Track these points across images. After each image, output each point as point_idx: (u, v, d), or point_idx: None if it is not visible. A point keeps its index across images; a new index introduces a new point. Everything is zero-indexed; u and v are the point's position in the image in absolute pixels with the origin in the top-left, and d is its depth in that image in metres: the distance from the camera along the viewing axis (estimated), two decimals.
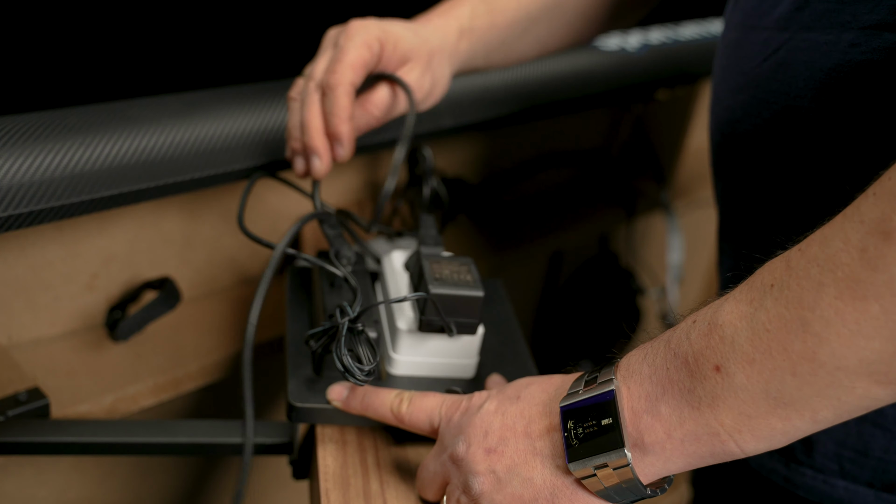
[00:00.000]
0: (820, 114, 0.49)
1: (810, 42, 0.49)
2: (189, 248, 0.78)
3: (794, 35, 0.50)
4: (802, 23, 0.50)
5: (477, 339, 0.60)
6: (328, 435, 0.56)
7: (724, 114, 0.57)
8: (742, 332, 0.39)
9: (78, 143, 0.61)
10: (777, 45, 0.51)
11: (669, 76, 1.08)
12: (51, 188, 0.59)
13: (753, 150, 0.54)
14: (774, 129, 0.52)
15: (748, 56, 0.54)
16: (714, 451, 0.42)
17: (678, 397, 0.42)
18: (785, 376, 0.38)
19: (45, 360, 0.69)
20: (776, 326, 0.38)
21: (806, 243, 0.38)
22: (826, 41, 0.48)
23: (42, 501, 0.74)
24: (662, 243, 1.24)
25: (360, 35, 0.59)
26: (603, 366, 0.47)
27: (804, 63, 0.49)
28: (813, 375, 0.37)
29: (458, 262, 0.60)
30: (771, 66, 0.51)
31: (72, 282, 0.71)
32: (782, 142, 0.52)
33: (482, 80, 0.87)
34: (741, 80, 0.54)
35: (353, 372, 0.51)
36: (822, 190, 0.50)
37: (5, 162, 0.58)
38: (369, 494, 0.52)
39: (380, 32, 0.60)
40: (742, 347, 0.39)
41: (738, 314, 0.40)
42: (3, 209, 0.57)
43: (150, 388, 0.69)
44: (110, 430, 0.60)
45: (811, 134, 0.50)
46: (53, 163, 0.59)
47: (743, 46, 0.55)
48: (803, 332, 0.37)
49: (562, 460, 0.45)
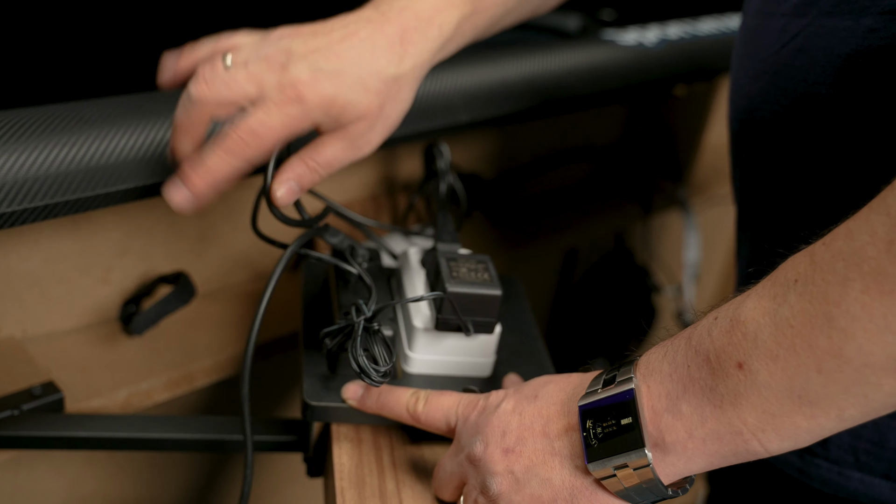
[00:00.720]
0: (839, 100, 0.48)
1: (828, 28, 0.48)
2: (203, 243, 0.77)
3: (812, 21, 0.49)
4: (821, 8, 0.49)
5: (494, 337, 0.59)
6: (343, 433, 0.56)
7: (742, 101, 0.56)
8: (765, 328, 0.38)
9: (94, 136, 0.61)
10: (795, 31, 0.51)
11: (687, 71, 1.06)
12: (66, 181, 0.59)
13: (772, 137, 0.54)
14: (793, 116, 0.51)
15: (766, 43, 0.53)
16: (737, 450, 0.41)
17: (700, 395, 0.41)
18: (810, 373, 0.37)
19: (58, 354, 0.69)
20: (800, 322, 0.37)
21: (830, 237, 0.38)
22: (844, 26, 0.47)
23: (55, 495, 0.74)
24: (679, 240, 1.23)
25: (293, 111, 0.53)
26: (622, 364, 0.46)
27: (822, 49, 0.49)
28: (839, 372, 0.37)
29: (475, 260, 0.59)
30: (789, 52, 0.51)
31: (86, 275, 0.71)
32: (801, 128, 0.51)
33: (498, 74, 0.86)
34: (759, 67, 0.54)
35: (369, 373, 0.51)
36: (841, 177, 0.49)
37: (21, 154, 0.57)
38: (385, 493, 0.52)
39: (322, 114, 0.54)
40: (765, 344, 0.38)
41: (760, 310, 0.39)
42: (18, 202, 0.57)
43: (164, 383, 0.69)
44: (124, 426, 0.60)
45: (830, 120, 0.49)
46: (69, 156, 0.59)
47: (761, 33, 0.54)
48: (829, 327, 0.36)
49: (581, 460, 0.45)
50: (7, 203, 0.56)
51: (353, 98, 0.54)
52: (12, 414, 0.60)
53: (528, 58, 0.90)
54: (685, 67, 1.05)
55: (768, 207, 0.57)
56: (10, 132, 0.58)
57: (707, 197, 1.25)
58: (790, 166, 0.53)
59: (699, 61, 1.07)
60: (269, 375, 0.85)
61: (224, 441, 0.61)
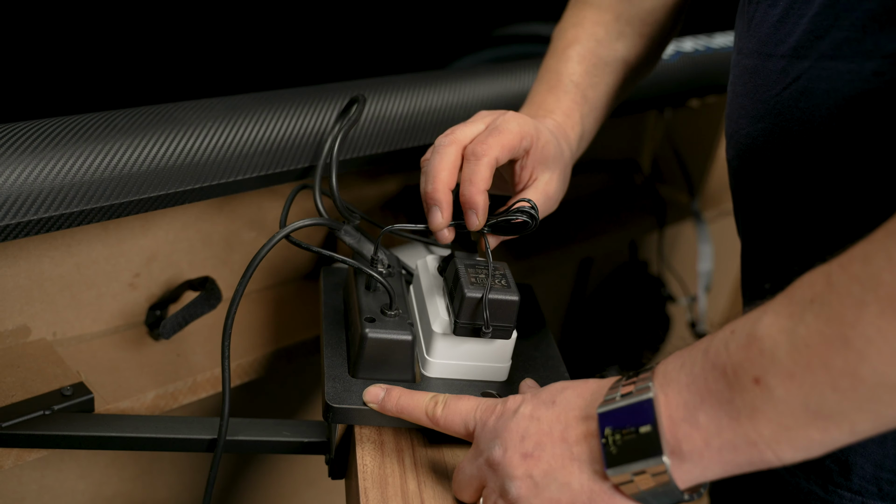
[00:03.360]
0: (844, 141, 0.49)
1: (831, 71, 0.49)
2: (228, 250, 0.79)
3: (814, 64, 0.50)
4: (822, 51, 0.49)
5: (511, 343, 0.61)
6: (366, 435, 0.57)
7: (743, 140, 0.56)
8: (782, 346, 0.40)
9: (127, 145, 0.63)
10: (797, 73, 0.51)
11: (701, 85, 1.08)
12: (100, 188, 0.60)
13: (775, 176, 0.54)
14: (797, 157, 0.52)
15: (766, 84, 0.53)
16: (752, 460, 0.42)
17: (717, 407, 0.42)
18: (825, 391, 0.38)
19: (87, 357, 0.71)
20: (816, 342, 0.38)
21: (847, 259, 0.39)
22: (848, 70, 0.48)
23: (81, 495, 0.76)
24: (692, 251, 1.24)
25: (517, 123, 0.59)
26: (639, 372, 0.47)
27: (826, 92, 0.49)
28: (853, 391, 0.38)
29: (493, 267, 0.60)
30: (792, 94, 0.51)
31: (115, 280, 0.72)
32: (805, 168, 0.52)
33: (515, 87, 0.87)
34: (760, 108, 0.54)
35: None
36: (846, 212, 0.50)
37: (58, 162, 0.59)
38: (407, 494, 0.53)
39: (534, 130, 0.60)
40: (782, 361, 0.39)
41: (777, 328, 0.40)
42: (55, 208, 0.58)
43: (189, 386, 0.71)
44: (151, 426, 0.62)
45: (835, 160, 0.50)
46: (103, 163, 0.61)
47: (760, 74, 0.54)
48: (844, 348, 0.37)
49: (599, 465, 0.46)
50: (45, 209, 0.58)
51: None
52: (44, 413, 0.62)
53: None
54: (699, 81, 1.07)
55: (771, 243, 0.57)
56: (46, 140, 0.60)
57: (720, 209, 1.26)
58: (794, 204, 0.53)
59: (713, 75, 1.08)
60: (292, 379, 0.86)
61: (246, 442, 0.62)
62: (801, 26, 0.50)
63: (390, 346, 0.58)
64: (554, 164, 0.62)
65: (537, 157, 0.60)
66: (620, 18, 0.71)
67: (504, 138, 0.58)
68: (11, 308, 0.67)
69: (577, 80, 0.67)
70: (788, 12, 0.51)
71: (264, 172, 0.69)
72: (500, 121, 0.59)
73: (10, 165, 0.58)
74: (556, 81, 0.67)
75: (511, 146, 0.58)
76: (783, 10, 0.52)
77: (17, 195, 0.57)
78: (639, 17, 0.71)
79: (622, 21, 0.71)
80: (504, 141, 0.57)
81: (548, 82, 0.68)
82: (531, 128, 0.59)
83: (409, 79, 0.81)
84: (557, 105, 0.66)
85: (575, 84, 0.67)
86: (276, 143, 0.70)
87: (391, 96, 0.78)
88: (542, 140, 0.60)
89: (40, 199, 0.58)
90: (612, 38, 0.70)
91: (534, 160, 0.60)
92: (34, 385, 0.64)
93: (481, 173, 0.57)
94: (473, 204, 0.57)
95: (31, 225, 0.58)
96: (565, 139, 0.65)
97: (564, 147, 0.64)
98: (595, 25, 0.70)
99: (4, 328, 0.68)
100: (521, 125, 0.59)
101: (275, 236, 0.58)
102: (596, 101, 0.68)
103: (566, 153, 0.64)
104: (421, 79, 0.82)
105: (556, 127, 0.65)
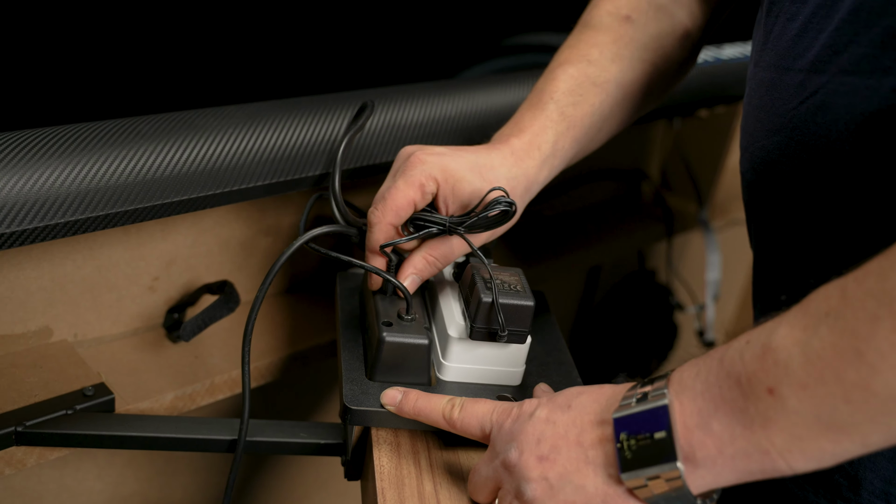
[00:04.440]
0: (862, 156, 0.49)
1: (850, 86, 0.49)
2: (244, 255, 0.80)
3: (832, 78, 0.50)
4: (841, 66, 0.50)
5: (525, 347, 0.62)
6: (383, 437, 0.58)
7: (759, 153, 0.57)
8: (796, 357, 0.40)
9: (150, 150, 0.64)
10: (814, 87, 0.51)
11: (710, 96, 1.09)
12: (125, 192, 0.62)
13: (791, 189, 0.55)
14: (814, 171, 0.52)
15: (784, 98, 0.54)
16: (764, 468, 0.43)
17: (730, 416, 0.43)
18: (837, 403, 0.39)
19: (107, 358, 0.72)
20: (830, 355, 0.39)
21: (862, 274, 0.39)
22: (867, 85, 0.48)
23: (98, 495, 0.77)
24: (701, 260, 1.25)
25: (417, 172, 0.60)
26: (654, 378, 0.48)
27: (844, 107, 0.49)
28: (865, 403, 0.39)
29: (507, 273, 0.62)
30: (809, 108, 0.52)
31: (134, 283, 0.74)
32: (822, 182, 0.52)
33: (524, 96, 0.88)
34: (777, 121, 0.54)
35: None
36: (862, 227, 0.51)
37: (84, 167, 0.61)
38: (423, 494, 0.54)
39: (438, 172, 0.60)
40: (796, 373, 0.40)
41: (792, 339, 0.41)
42: (81, 212, 0.60)
43: (207, 387, 0.72)
44: (173, 426, 0.63)
45: (852, 174, 0.50)
46: (127, 168, 0.62)
47: (777, 88, 0.55)
48: (858, 362, 0.38)
49: (614, 469, 0.47)
50: (71, 212, 0.59)
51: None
52: (66, 413, 0.63)
53: None
54: (708, 91, 1.08)
55: (785, 255, 0.58)
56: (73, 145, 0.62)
57: (728, 218, 1.27)
58: (809, 217, 0.54)
59: (722, 85, 1.09)
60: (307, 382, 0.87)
61: (264, 443, 0.63)
62: (820, 41, 0.51)
63: (407, 349, 0.59)
64: (474, 199, 0.61)
65: (447, 197, 0.61)
66: (619, 41, 0.70)
67: (397, 199, 0.60)
68: (34, 309, 0.69)
69: (558, 97, 0.67)
70: (808, 26, 0.52)
71: (282, 178, 0.70)
72: (400, 173, 0.61)
73: (38, 170, 0.59)
74: (538, 100, 0.67)
75: (404, 204, 0.60)
76: (802, 24, 0.52)
77: (44, 199, 0.59)
78: (641, 42, 0.70)
79: (621, 44, 0.70)
80: (396, 202, 0.60)
81: (530, 100, 0.68)
82: (435, 171, 0.60)
83: (423, 87, 0.83)
84: (532, 123, 0.66)
85: (554, 102, 0.67)
86: (294, 150, 0.72)
87: (406, 104, 0.79)
88: (453, 179, 0.61)
89: (67, 203, 0.59)
90: (605, 60, 0.69)
91: (444, 200, 0.62)
92: (56, 385, 0.66)
93: (373, 239, 0.61)
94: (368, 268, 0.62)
95: (58, 228, 0.59)
96: (525, 160, 0.65)
97: (516, 173, 0.64)
98: (589, 47, 0.70)
99: (27, 329, 0.69)
100: (420, 172, 0.60)
101: (294, 243, 0.60)
102: (576, 119, 0.67)
103: (517, 180, 0.64)
104: (435, 88, 0.83)
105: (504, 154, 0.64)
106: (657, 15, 0.71)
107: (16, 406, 0.63)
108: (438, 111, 0.81)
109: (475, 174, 0.62)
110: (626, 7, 0.71)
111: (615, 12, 0.71)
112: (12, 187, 0.58)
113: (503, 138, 0.66)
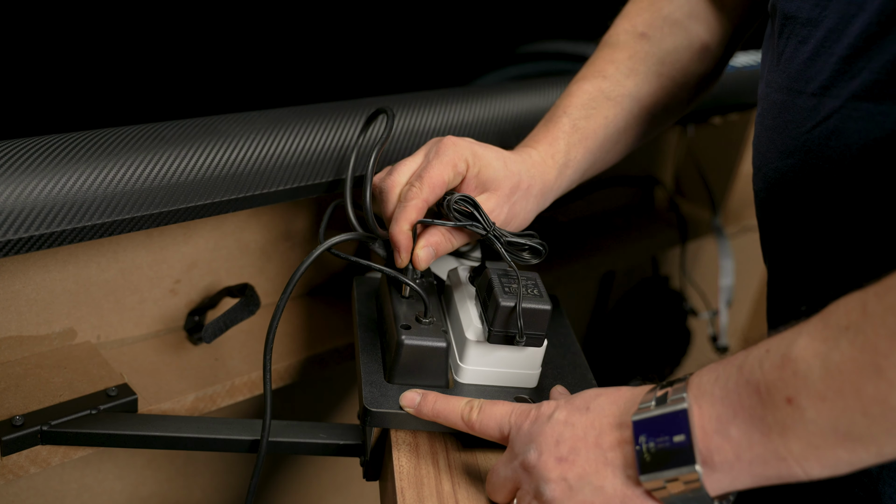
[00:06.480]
0: (875, 181, 0.50)
1: (863, 111, 0.49)
2: (264, 259, 0.81)
3: (845, 104, 0.51)
4: (852, 91, 0.50)
5: (541, 350, 0.62)
6: (402, 438, 0.59)
7: (772, 174, 0.57)
8: (815, 369, 0.41)
9: (174, 155, 0.65)
10: (827, 112, 0.52)
11: (724, 103, 1.10)
12: (149, 196, 0.63)
13: (804, 209, 0.55)
14: (827, 192, 0.53)
15: (796, 121, 0.54)
16: (780, 474, 0.44)
17: (749, 422, 0.44)
18: (855, 415, 0.40)
19: (130, 359, 0.73)
20: (849, 369, 0.40)
21: (884, 289, 0.40)
22: (879, 111, 0.49)
23: (119, 495, 0.78)
24: (714, 266, 1.25)
25: (449, 153, 0.62)
26: (672, 382, 0.49)
27: (857, 132, 0.50)
28: (883, 417, 0.39)
29: (524, 277, 0.62)
30: (822, 133, 0.52)
31: (157, 286, 0.75)
32: (835, 203, 0.53)
33: (540, 103, 0.89)
34: (790, 143, 0.55)
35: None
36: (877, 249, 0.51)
37: (110, 171, 0.62)
38: (442, 494, 0.55)
39: (469, 154, 0.63)
40: (815, 384, 0.41)
41: (811, 351, 0.41)
42: (107, 215, 0.61)
43: (227, 389, 0.73)
44: (195, 427, 0.64)
45: (866, 198, 0.51)
46: (152, 172, 0.63)
47: (789, 110, 0.55)
48: (877, 377, 0.39)
49: (633, 471, 0.47)
50: (98, 215, 0.61)
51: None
52: (90, 413, 0.64)
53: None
54: (722, 98, 1.08)
55: (799, 272, 0.58)
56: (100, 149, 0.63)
57: (742, 224, 1.27)
58: (823, 237, 0.54)
59: (735, 93, 1.09)
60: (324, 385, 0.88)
61: (284, 443, 0.64)
62: (831, 65, 0.51)
63: (425, 352, 0.60)
64: (495, 185, 0.64)
65: (471, 179, 0.63)
66: (635, 57, 0.72)
67: (432, 176, 0.61)
68: (59, 311, 0.70)
69: (571, 111, 0.69)
70: (819, 50, 0.52)
71: (303, 183, 0.71)
72: (433, 154, 0.63)
73: (64, 174, 0.60)
74: (553, 115, 0.70)
75: (440, 182, 0.61)
76: (814, 49, 0.53)
77: (70, 202, 0.60)
78: (657, 57, 0.72)
79: (636, 59, 0.72)
80: (433, 180, 0.61)
81: (546, 117, 0.71)
82: (467, 153, 0.63)
83: (441, 94, 0.84)
84: (546, 135, 0.69)
85: (567, 115, 0.69)
86: (315, 155, 0.72)
87: (424, 111, 0.80)
88: (479, 163, 0.63)
89: (93, 207, 0.61)
90: (621, 75, 0.71)
91: (468, 182, 0.63)
92: (80, 386, 0.67)
93: (407, 216, 0.61)
94: (397, 243, 0.61)
95: (84, 231, 0.61)
96: (542, 166, 0.67)
97: (534, 174, 0.66)
98: (606, 63, 0.72)
99: (52, 330, 0.70)
100: (453, 152, 0.62)
101: (315, 250, 0.61)
102: (589, 131, 0.69)
103: (522, 177, 0.65)
104: (453, 95, 0.84)
105: (525, 154, 0.67)
106: (672, 30, 0.73)
107: (41, 406, 0.64)
108: (457, 118, 0.82)
109: (500, 162, 0.64)
110: (642, 24, 0.73)
111: (631, 30, 0.73)
112: (40, 191, 0.59)
113: (519, 150, 0.69)
